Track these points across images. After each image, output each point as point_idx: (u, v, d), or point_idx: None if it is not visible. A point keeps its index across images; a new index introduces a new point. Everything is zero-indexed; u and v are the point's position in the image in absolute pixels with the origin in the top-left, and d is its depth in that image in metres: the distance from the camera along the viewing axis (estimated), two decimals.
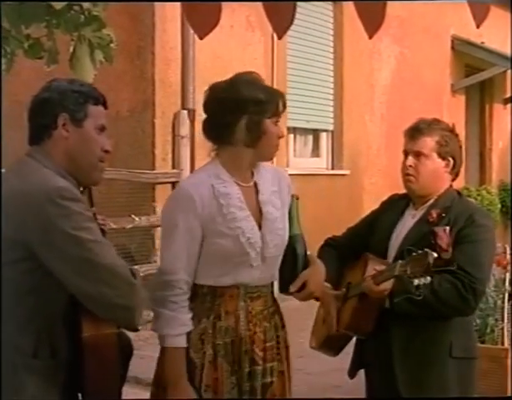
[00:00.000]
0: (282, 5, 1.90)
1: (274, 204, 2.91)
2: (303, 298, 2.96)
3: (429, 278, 3.04)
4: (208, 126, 2.89)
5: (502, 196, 13.37)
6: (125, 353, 2.54)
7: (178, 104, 7.97)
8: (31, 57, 3.67)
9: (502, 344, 5.51)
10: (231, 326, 2.82)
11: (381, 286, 3.18)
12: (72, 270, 2.36)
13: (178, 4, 5.98)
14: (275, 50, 9.15)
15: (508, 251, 5.62)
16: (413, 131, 3.43)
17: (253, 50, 8.94)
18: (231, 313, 2.82)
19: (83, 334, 2.39)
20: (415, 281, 3.05)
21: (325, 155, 10.58)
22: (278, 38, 1.99)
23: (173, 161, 7.93)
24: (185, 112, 7.96)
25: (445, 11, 11.88)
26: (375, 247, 3.42)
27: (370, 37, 1.90)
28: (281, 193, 2.96)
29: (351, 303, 3.32)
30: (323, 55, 10.26)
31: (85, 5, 3.53)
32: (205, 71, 7.96)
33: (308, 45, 9.83)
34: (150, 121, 7.82)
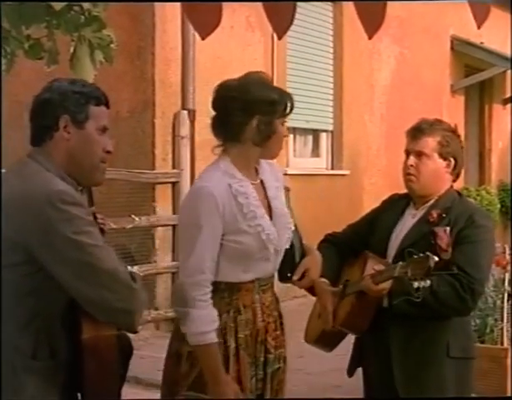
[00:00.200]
0: (282, 5, 1.90)
1: (280, 199, 3.01)
2: (304, 286, 3.12)
3: (429, 282, 3.06)
4: (218, 124, 2.93)
5: (501, 196, 13.37)
6: (125, 353, 2.53)
7: (178, 104, 7.96)
8: (31, 58, 3.67)
9: (501, 344, 5.52)
10: (250, 319, 2.92)
11: (380, 286, 3.19)
12: (72, 274, 2.35)
13: (179, 4, 5.99)
14: (275, 50, 9.15)
15: (507, 251, 5.63)
16: (415, 131, 3.44)
17: (253, 50, 8.93)
18: (248, 306, 2.91)
19: (83, 336, 2.39)
20: (415, 283, 3.06)
21: (325, 155, 10.58)
22: (278, 38, 2.00)
23: (173, 161, 7.93)
24: (185, 113, 7.95)
25: (445, 11, 11.88)
26: (375, 246, 3.42)
27: (370, 38, 1.91)
28: (280, 187, 3.05)
29: (348, 301, 3.32)
30: (322, 55, 10.25)
31: (85, 5, 3.54)
32: (205, 71, 7.96)
33: (307, 45, 9.82)
34: (150, 121, 7.81)
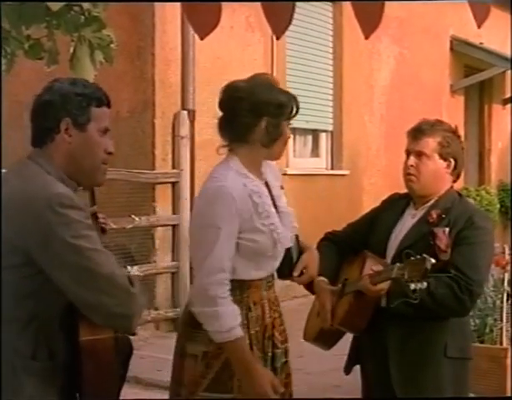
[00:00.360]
0: (280, 5, 1.91)
1: (283, 199, 3.06)
2: (303, 282, 3.17)
3: (426, 284, 3.07)
4: (225, 124, 2.95)
5: (501, 196, 13.37)
6: (125, 353, 2.53)
7: (178, 105, 7.97)
8: (31, 58, 3.67)
9: (501, 344, 5.53)
10: (259, 315, 2.97)
11: (378, 286, 3.20)
12: (70, 278, 2.35)
13: (178, 5, 5.99)
14: (275, 51, 9.15)
15: (507, 251, 5.64)
16: (415, 131, 3.45)
17: (253, 51, 8.94)
18: (258, 303, 2.96)
19: (80, 338, 2.38)
20: (412, 285, 3.07)
21: (325, 155, 10.58)
22: (276, 38, 2.01)
23: (173, 161, 7.93)
24: (185, 113, 7.96)
25: (444, 11, 11.88)
26: (374, 246, 3.43)
27: (367, 38, 1.91)
28: (280, 187, 3.10)
29: (347, 300, 3.33)
30: (322, 55, 10.25)
31: (85, 6, 3.54)
32: (205, 71, 7.97)
33: (307, 45, 9.83)
34: (150, 121, 7.81)
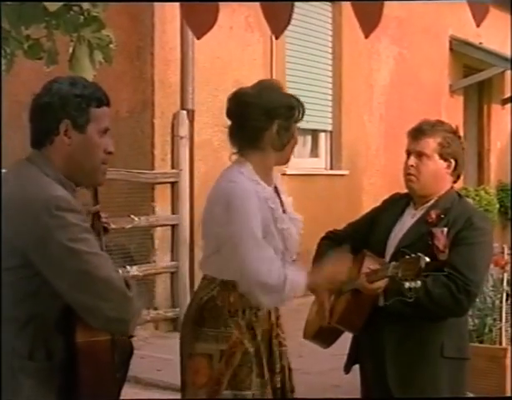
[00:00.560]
0: (279, 5, 1.92)
1: (290, 203, 3.10)
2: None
3: (420, 283, 3.09)
4: (236, 131, 2.97)
5: (500, 196, 13.37)
6: (125, 353, 2.53)
7: (178, 104, 7.97)
8: (30, 58, 3.67)
9: (500, 344, 5.52)
10: (266, 314, 3.02)
11: (374, 284, 3.22)
12: (67, 281, 2.34)
13: (178, 5, 6.00)
14: (274, 51, 9.15)
15: (506, 251, 5.63)
16: (416, 131, 3.46)
17: (252, 51, 8.94)
18: None
19: (77, 340, 2.38)
20: (406, 284, 3.09)
21: (324, 155, 10.58)
22: (275, 38, 2.02)
23: (172, 161, 7.93)
24: (184, 113, 7.96)
25: (444, 11, 11.88)
26: (374, 245, 3.44)
27: (366, 37, 1.92)
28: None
29: (344, 298, 3.34)
30: (321, 55, 10.25)
31: (85, 6, 3.54)
32: (204, 71, 7.97)
33: (306, 45, 9.83)
34: (149, 121, 7.81)
